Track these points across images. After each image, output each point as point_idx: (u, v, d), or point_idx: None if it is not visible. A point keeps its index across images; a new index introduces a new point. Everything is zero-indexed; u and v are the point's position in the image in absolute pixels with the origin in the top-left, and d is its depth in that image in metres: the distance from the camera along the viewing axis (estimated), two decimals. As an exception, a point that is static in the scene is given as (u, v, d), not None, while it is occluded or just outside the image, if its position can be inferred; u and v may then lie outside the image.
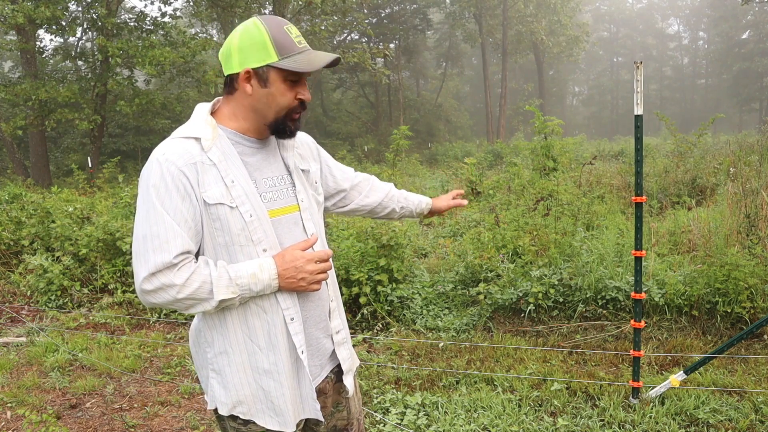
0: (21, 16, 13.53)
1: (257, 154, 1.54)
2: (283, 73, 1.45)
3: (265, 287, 1.43)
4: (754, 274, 4.06)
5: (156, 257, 1.35)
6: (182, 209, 1.38)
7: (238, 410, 1.50)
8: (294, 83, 1.48)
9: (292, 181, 1.59)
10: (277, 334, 1.47)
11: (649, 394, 3.22)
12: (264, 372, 1.48)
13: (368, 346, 4.36)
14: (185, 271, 1.37)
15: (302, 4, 19.07)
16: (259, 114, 1.50)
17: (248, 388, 1.49)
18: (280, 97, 1.47)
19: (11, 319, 5.38)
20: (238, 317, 1.46)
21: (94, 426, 3.36)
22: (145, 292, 1.36)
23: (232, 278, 1.40)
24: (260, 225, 1.45)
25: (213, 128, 1.47)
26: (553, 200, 5.86)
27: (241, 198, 1.43)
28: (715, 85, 55.90)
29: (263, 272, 1.42)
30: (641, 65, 2.97)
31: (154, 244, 1.35)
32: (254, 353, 1.47)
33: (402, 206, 1.99)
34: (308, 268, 1.47)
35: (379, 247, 4.90)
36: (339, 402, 1.69)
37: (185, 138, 1.44)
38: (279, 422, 1.50)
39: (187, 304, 1.39)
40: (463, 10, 35.39)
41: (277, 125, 1.51)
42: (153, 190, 1.38)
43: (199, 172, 1.41)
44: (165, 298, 1.36)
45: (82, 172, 12.12)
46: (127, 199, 7.84)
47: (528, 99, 36.57)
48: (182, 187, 1.39)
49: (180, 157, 1.40)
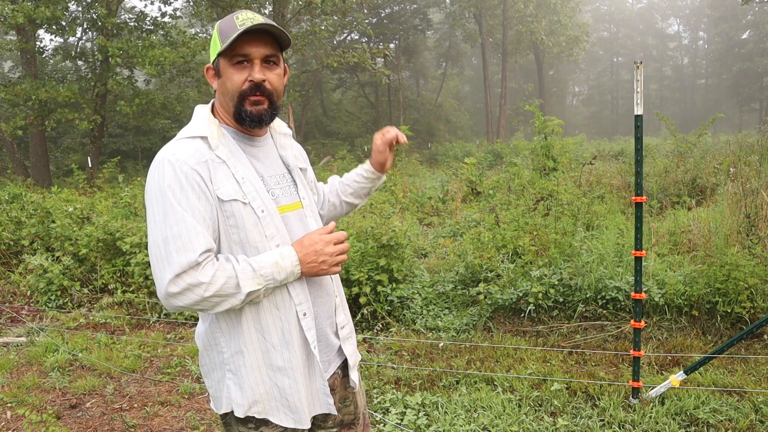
0: (21, 16, 13.52)
1: (259, 152, 1.55)
2: (227, 56, 1.44)
3: (289, 275, 1.44)
4: (754, 274, 4.05)
5: (181, 257, 1.33)
6: (200, 208, 1.38)
7: (253, 410, 1.49)
8: (241, 65, 1.45)
9: (293, 179, 1.61)
10: (291, 330, 1.48)
11: (649, 394, 3.22)
12: (278, 369, 1.49)
13: (368, 346, 4.36)
14: (210, 269, 1.35)
15: (302, 4, 19.05)
16: (225, 107, 1.51)
17: (263, 386, 1.49)
18: (228, 82, 1.46)
19: (11, 319, 5.38)
20: (251, 315, 1.46)
21: (94, 426, 3.36)
22: (171, 296, 1.34)
23: (256, 270, 1.39)
24: (272, 220, 1.46)
25: (217, 127, 1.49)
26: (553, 200, 5.86)
27: (252, 194, 1.44)
28: (715, 85, 55.87)
29: (285, 260, 1.43)
30: (641, 65, 2.97)
31: (177, 245, 1.34)
32: (268, 351, 1.48)
33: (346, 192, 1.89)
34: (328, 250, 1.48)
35: (379, 247, 4.90)
36: (346, 397, 1.71)
37: (192, 138, 1.45)
38: (294, 419, 1.51)
39: (214, 301, 1.37)
40: (463, 10, 35.38)
41: (237, 114, 1.48)
42: (169, 191, 1.37)
43: (211, 170, 1.41)
44: (192, 298, 1.34)
45: (82, 172, 12.12)
46: (127, 199, 7.85)
47: (528, 99, 36.52)
48: (197, 185, 1.38)
49: (191, 156, 1.40)
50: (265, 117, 1.49)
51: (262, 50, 1.44)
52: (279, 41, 1.48)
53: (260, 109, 1.47)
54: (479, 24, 35.26)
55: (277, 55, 1.48)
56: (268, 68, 1.47)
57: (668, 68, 61.21)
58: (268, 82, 1.46)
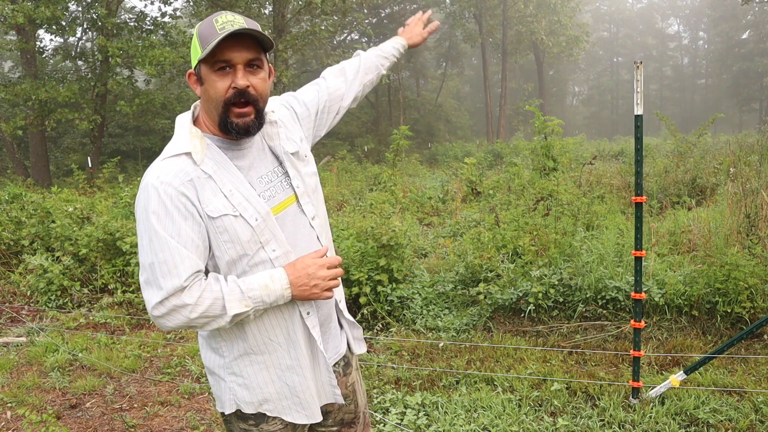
0: (21, 16, 13.52)
1: (247, 155, 1.51)
2: (208, 63, 1.39)
3: (278, 297, 1.43)
4: (754, 274, 4.05)
5: (167, 283, 1.35)
6: (187, 230, 1.37)
7: (264, 408, 1.52)
8: (223, 71, 1.39)
9: (285, 170, 1.56)
10: (296, 330, 1.50)
11: (649, 394, 3.22)
12: (287, 368, 1.51)
13: (368, 346, 4.36)
14: (196, 290, 1.36)
15: (302, 4, 19.05)
16: (210, 115, 1.47)
17: (272, 386, 1.51)
18: (211, 89, 1.41)
19: (11, 319, 5.38)
20: (255, 318, 1.48)
21: (94, 426, 3.36)
22: (158, 318, 1.37)
23: (244, 291, 1.39)
24: (266, 226, 1.46)
25: (200, 139, 1.45)
26: (553, 200, 5.86)
27: (242, 205, 1.43)
28: (715, 85, 55.85)
29: (275, 282, 1.42)
30: (641, 65, 2.97)
31: (163, 270, 1.35)
32: (275, 351, 1.50)
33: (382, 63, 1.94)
34: (320, 274, 1.46)
35: (379, 247, 4.90)
36: (347, 395, 1.72)
37: (176, 156, 1.42)
38: (306, 416, 1.54)
39: (201, 322, 1.38)
40: (463, 10, 35.36)
41: (222, 124, 1.43)
42: (153, 216, 1.36)
43: (198, 188, 1.40)
44: (179, 319, 1.36)
45: (82, 172, 12.12)
46: (127, 199, 7.84)
47: (528, 99, 36.49)
48: (183, 207, 1.38)
49: (175, 177, 1.38)
50: (252, 128, 1.45)
51: (245, 55, 1.39)
52: (261, 43, 1.43)
53: (246, 122, 1.43)
54: (479, 24, 35.26)
55: (260, 58, 1.43)
56: (252, 72, 1.42)
57: (668, 68, 61.19)
58: (252, 87, 1.41)
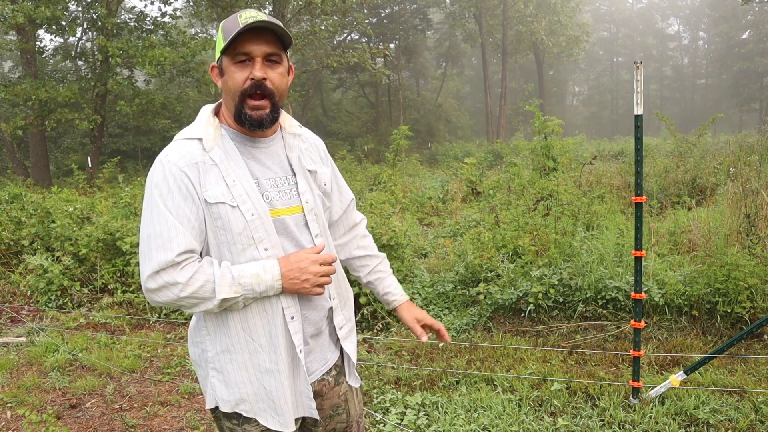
0: (21, 16, 13.52)
1: (261, 153, 1.53)
2: (229, 55, 1.45)
3: (268, 288, 1.44)
4: (754, 274, 4.05)
5: (159, 255, 1.38)
6: (185, 209, 1.41)
7: (240, 408, 1.51)
8: (243, 63, 1.44)
9: (296, 182, 1.56)
10: (278, 333, 1.48)
11: (649, 394, 3.22)
12: (266, 371, 1.49)
13: (368, 346, 4.36)
14: (188, 270, 1.39)
15: (302, 4, 19.06)
16: (228, 106, 1.51)
17: (250, 386, 1.50)
18: (230, 80, 1.45)
19: (11, 319, 5.38)
20: (239, 316, 1.48)
21: (94, 426, 3.36)
22: (149, 291, 1.40)
23: (235, 278, 1.41)
24: (261, 224, 1.45)
25: (215, 128, 1.49)
26: (553, 200, 5.86)
27: (242, 197, 1.44)
28: (715, 85, 55.87)
29: (266, 273, 1.43)
30: (641, 65, 2.97)
31: (158, 243, 1.38)
32: (256, 352, 1.49)
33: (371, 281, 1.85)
34: (312, 269, 1.47)
35: (379, 247, 4.90)
36: (338, 405, 1.69)
37: (187, 139, 1.47)
38: (280, 422, 1.51)
39: (190, 302, 1.41)
40: (463, 10, 35.39)
41: (237, 114, 1.47)
42: (156, 190, 1.42)
43: (201, 172, 1.43)
44: (168, 296, 1.39)
45: (82, 172, 12.12)
46: (127, 199, 7.84)
47: (528, 99, 36.53)
48: (184, 187, 1.41)
49: (182, 158, 1.43)
50: (265, 121, 1.48)
51: (264, 48, 1.43)
52: (282, 40, 1.47)
53: (261, 114, 1.46)
54: (479, 24, 35.26)
55: (279, 53, 1.47)
56: (270, 66, 1.46)
57: (668, 68, 61.22)
58: (269, 80, 1.44)
